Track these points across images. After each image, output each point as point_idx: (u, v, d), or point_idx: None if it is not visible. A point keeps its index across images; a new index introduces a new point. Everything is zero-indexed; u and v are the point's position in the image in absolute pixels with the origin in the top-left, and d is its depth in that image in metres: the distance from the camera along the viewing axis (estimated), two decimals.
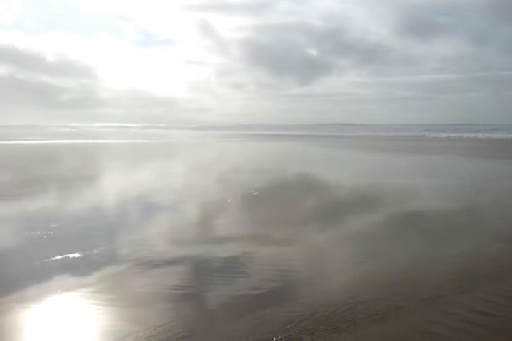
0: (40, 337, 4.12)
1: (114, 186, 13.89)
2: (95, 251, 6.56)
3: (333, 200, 11.59)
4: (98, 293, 5.03)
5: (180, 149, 36.43)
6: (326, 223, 8.70)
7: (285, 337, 4.08)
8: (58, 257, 6.26)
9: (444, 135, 61.81)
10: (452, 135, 61.66)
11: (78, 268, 5.83)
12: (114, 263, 6.05)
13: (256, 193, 12.19)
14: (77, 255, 6.39)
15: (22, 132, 78.42)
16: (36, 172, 17.58)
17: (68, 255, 6.36)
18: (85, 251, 6.54)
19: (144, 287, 5.24)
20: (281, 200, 11.53)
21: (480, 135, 58.59)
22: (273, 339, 4.04)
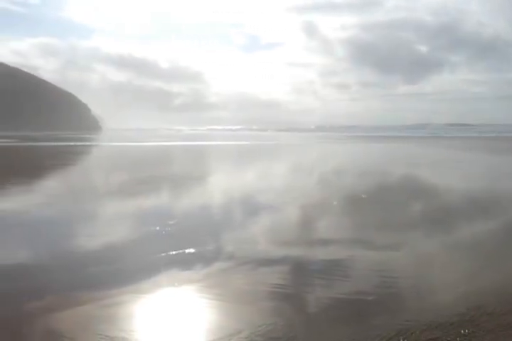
0: (151, 327, 4.28)
1: (221, 186, 14.34)
2: (206, 248, 6.73)
3: (444, 204, 10.94)
4: (206, 288, 5.14)
5: (284, 151, 36.78)
6: (436, 228, 8.19)
7: None
8: (174, 252, 6.52)
9: None
10: None
11: (189, 263, 6.00)
12: (221, 260, 6.16)
13: (364, 196, 11.83)
14: (190, 250, 6.60)
15: (135, 135, 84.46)
16: (147, 172, 18.76)
17: (183, 250, 6.59)
18: (197, 247, 6.73)
19: (249, 284, 5.26)
20: (390, 204, 11.10)
21: None
22: None
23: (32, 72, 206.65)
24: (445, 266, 5.96)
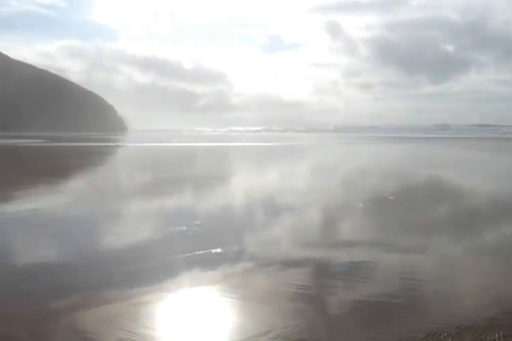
0: (175, 325, 4.32)
1: (245, 187, 14.39)
2: (231, 248, 6.73)
3: (471, 207, 10.76)
4: (230, 288, 5.14)
5: (308, 151, 36.61)
6: (462, 232, 8.05)
7: None
8: (200, 252, 6.53)
9: None
10: None
11: (216, 263, 6.00)
12: (246, 261, 6.16)
13: (391, 198, 11.70)
14: (217, 250, 6.61)
15: (160, 136, 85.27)
16: (173, 173, 18.95)
17: (209, 250, 6.60)
18: (223, 247, 6.74)
19: (272, 285, 5.23)
20: (417, 206, 10.95)
21: None
22: None
23: (59, 73, 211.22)
24: (472, 270, 5.84)
